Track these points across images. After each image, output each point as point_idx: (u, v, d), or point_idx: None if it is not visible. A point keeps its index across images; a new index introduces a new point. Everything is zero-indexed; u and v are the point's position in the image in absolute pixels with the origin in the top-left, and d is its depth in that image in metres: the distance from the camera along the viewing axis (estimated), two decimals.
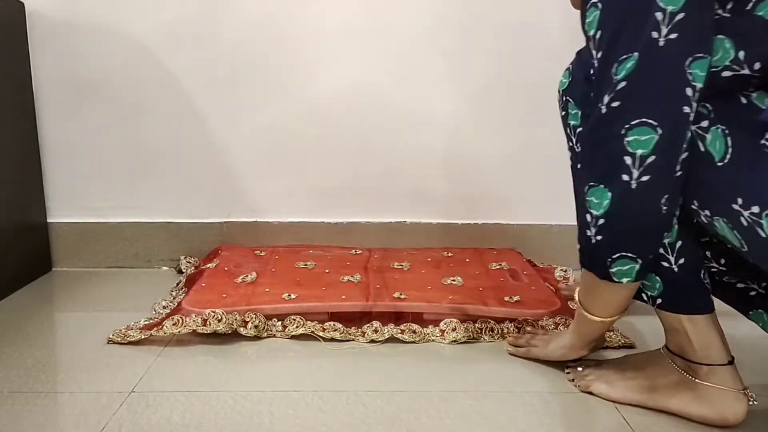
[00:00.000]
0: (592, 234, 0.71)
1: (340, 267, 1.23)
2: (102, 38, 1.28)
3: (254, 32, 1.29)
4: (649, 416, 0.79)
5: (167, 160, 1.35)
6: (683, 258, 0.73)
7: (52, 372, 0.89)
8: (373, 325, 1.01)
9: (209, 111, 1.33)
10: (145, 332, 0.98)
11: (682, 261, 0.74)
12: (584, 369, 0.87)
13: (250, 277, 1.15)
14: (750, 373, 0.79)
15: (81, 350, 0.95)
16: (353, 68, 1.32)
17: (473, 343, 1.00)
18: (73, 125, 1.32)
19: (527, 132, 1.36)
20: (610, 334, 1.01)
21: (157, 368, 0.90)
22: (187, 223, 1.38)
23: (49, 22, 1.27)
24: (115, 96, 1.31)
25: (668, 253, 0.74)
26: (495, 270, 1.25)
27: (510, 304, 1.06)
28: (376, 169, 1.37)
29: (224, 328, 0.97)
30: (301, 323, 1.01)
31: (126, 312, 1.09)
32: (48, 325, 1.06)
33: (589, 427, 0.77)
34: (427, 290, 1.11)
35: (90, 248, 1.37)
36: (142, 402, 0.80)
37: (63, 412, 0.78)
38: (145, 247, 1.38)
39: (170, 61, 1.30)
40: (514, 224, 1.41)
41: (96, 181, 1.35)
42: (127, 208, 1.36)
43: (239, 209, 1.38)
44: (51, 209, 1.35)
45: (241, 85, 1.31)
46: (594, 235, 0.71)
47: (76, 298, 1.20)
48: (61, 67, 1.29)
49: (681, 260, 0.74)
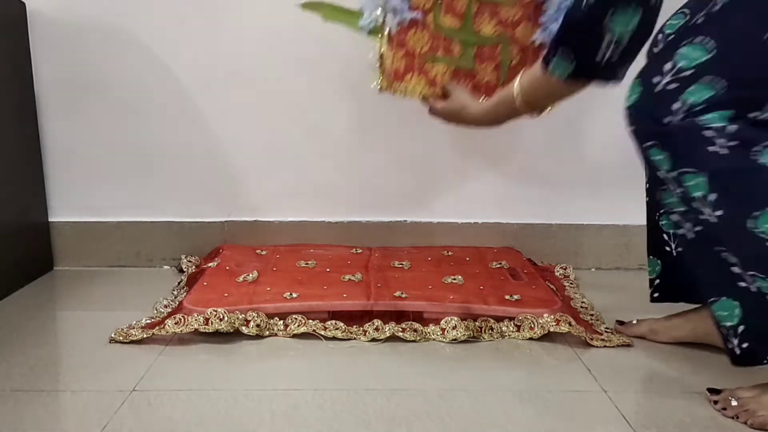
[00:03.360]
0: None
1: (341, 266, 1.24)
2: (103, 38, 1.28)
3: (254, 32, 1.29)
4: (650, 417, 0.79)
5: (168, 160, 1.35)
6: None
7: (54, 370, 0.89)
8: (374, 324, 1.01)
9: (210, 110, 1.33)
10: (147, 331, 0.98)
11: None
12: (741, 402, 0.78)
13: (252, 276, 1.16)
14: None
15: (83, 349, 0.96)
16: (353, 67, 1.32)
17: (473, 342, 1.00)
18: (74, 125, 1.32)
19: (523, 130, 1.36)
20: (609, 334, 1.02)
21: (159, 367, 0.90)
22: (189, 223, 1.38)
23: (50, 23, 1.27)
24: (116, 95, 1.31)
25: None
26: (495, 269, 1.25)
27: (510, 303, 1.06)
28: (376, 167, 1.37)
29: (226, 327, 0.98)
30: (302, 322, 1.02)
31: (127, 311, 1.09)
32: (49, 324, 1.06)
33: (589, 427, 0.77)
34: (427, 289, 1.11)
35: (91, 247, 1.37)
36: (144, 400, 0.81)
37: (65, 410, 0.79)
38: (146, 247, 1.38)
39: (171, 61, 1.30)
40: (513, 223, 1.41)
41: (97, 181, 1.35)
42: (128, 208, 1.37)
43: (240, 208, 1.39)
44: (52, 208, 1.36)
45: (241, 84, 1.32)
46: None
47: (77, 297, 1.20)
48: (62, 67, 1.29)
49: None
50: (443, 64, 1.11)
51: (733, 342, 0.76)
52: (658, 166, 0.74)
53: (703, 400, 0.82)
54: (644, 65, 0.76)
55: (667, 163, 0.72)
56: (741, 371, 0.79)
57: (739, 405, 0.77)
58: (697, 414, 0.79)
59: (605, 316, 1.10)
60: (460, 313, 1.04)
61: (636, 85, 0.74)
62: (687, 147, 0.70)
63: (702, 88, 0.69)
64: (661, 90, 0.71)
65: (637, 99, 0.73)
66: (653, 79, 0.72)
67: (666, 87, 0.71)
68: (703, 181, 0.70)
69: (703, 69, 0.69)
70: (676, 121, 0.70)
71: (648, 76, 0.73)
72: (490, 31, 1.10)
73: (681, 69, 0.70)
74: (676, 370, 0.91)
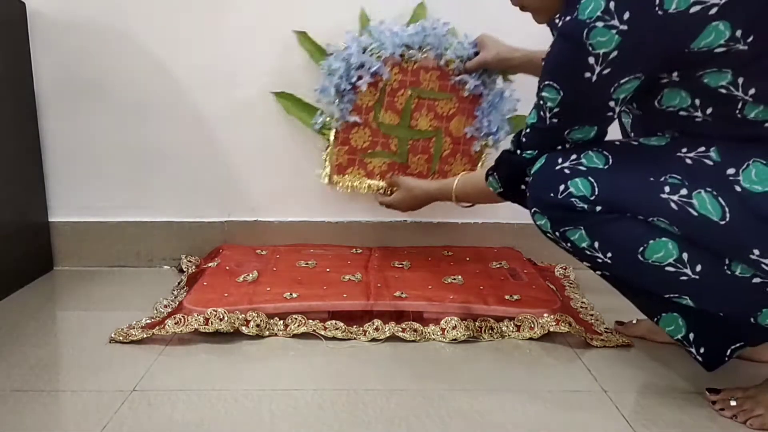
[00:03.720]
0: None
1: (341, 266, 1.24)
2: (103, 38, 1.28)
3: (254, 32, 1.29)
4: (650, 417, 0.79)
5: (168, 160, 1.35)
6: None
7: (54, 370, 0.89)
8: (374, 324, 1.01)
9: (210, 110, 1.33)
10: (147, 331, 0.98)
11: None
12: (740, 401, 0.79)
13: (252, 276, 1.16)
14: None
15: (82, 349, 0.96)
16: None
17: (473, 342, 1.00)
18: (74, 125, 1.32)
19: None
20: (609, 335, 1.02)
21: (159, 367, 0.90)
22: (189, 223, 1.38)
23: (50, 22, 1.27)
24: (116, 96, 1.31)
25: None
26: (495, 269, 1.25)
27: (510, 303, 1.06)
28: None
29: (226, 327, 0.98)
30: (302, 322, 1.02)
31: (127, 311, 1.09)
32: (50, 324, 1.06)
33: (589, 427, 0.77)
34: (427, 289, 1.11)
35: (91, 247, 1.37)
36: (144, 400, 0.81)
37: (65, 410, 0.79)
38: (146, 247, 1.38)
39: (171, 61, 1.30)
40: (513, 223, 1.41)
41: (97, 181, 1.35)
42: (128, 208, 1.37)
43: (240, 208, 1.39)
44: (52, 209, 1.36)
45: (241, 84, 1.32)
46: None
47: (77, 297, 1.20)
48: (62, 66, 1.29)
49: None
50: (380, 158, 1.26)
51: (692, 351, 0.80)
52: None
53: (702, 400, 0.82)
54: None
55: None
56: (741, 371, 0.79)
57: (738, 405, 0.78)
58: (697, 414, 0.79)
59: (605, 317, 1.10)
60: (460, 313, 1.04)
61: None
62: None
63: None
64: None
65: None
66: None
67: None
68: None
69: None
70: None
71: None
72: (426, 125, 1.24)
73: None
74: (676, 370, 0.91)
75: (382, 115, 1.23)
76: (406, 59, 1.21)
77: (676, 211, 0.72)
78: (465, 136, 1.25)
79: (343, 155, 1.25)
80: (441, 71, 1.22)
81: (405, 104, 1.22)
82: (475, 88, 1.22)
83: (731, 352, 0.77)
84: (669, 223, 0.72)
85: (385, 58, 1.20)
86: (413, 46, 1.20)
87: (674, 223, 0.72)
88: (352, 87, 1.20)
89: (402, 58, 1.20)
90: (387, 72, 1.20)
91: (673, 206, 0.72)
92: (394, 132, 1.24)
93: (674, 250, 0.73)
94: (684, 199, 0.71)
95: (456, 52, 1.21)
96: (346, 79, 1.19)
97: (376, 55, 1.19)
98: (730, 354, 0.77)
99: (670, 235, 0.73)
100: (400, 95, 1.22)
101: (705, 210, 0.70)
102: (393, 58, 1.20)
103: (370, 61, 1.19)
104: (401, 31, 1.20)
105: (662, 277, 0.75)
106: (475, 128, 1.25)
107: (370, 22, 1.24)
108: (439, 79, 1.22)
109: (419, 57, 1.20)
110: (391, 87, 1.21)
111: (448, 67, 1.22)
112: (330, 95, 1.21)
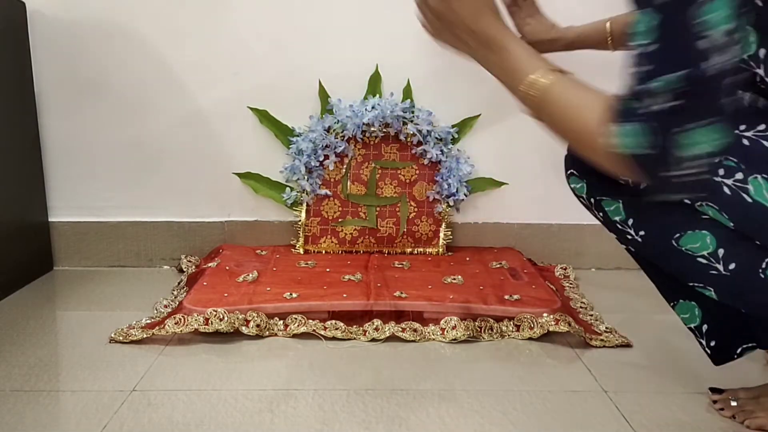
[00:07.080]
0: None
1: (340, 266, 1.24)
2: (103, 38, 1.28)
3: (254, 32, 1.29)
4: (650, 417, 0.79)
5: (168, 160, 1.35)
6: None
7: (54, 370, 0.89)
8: (374, 324, 1.01)
9: (210, 110, 1.33)
10: (147, 331, 0.98)
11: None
12: (741, 402, 0.78)
13: (252, 276, 1.16)
14: None
15: (82, 349, 0.96)
16: (351, 65, 1.32)
17: (473, 342, 1.00)
18: (75, 124, 1.32)
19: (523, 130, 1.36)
20: (608, 334, 1.02)
21: (159, 367, 0.90)
22: (188, 223, 1.38)
23: (50, 22, 1.27)
24: (116, 95, 1.31)
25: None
26: (495, 269, 1.25)
27: (510, 303, 1.06)
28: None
29: (226, 327, 0.98)
30: (302, 322, 1.02)
31: (127, 311, 1.09)
32: (49, 324, 1.06)
33: (589, 427, 0.77)
34: (427, 289, 1.11)
35: (91, 247, 1.37)
36: (144, 400, 0.81)
37: (65, 410, 0.79)
38: (146, 247, 1.38)
39: (171, 61, 1.30)
40: (513, 223, 1.41)
41: (97, 181, 1.35)
42: (128, 208, 1.37)
43: (240, 208, 1.39)
44: (52, 208, 1.35)
45: (241, 84, 1.32)
46: None
47: (77, 297, 1.20)
48: (62, 66, 1.29)
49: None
50: (351, 225, 1.34)
51: (702, 342, 0.79)
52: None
53: (703, 400, 0.82)
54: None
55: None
56: (742, 372, 0.79)
57: (738, 406, 0.78)
58: (697, 414, 0.79)
59: (605, 317, 1.10)
60: (459, 313, 1.04)
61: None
62: None
63: None
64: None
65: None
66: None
67: None
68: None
69: None
70: None
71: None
72: (391, 192, 1.34)
73: None
74: (676, 370, 0.91)
75: (349, 186, 1.34)
76: (367, 136, 1.33)
77: (729, 196, 0.64)
78: (428, 199, 1.34)
79: (315, 226, 1.34)
80: (400, 143, 1.34)
81: (370, 175, 1.34)
82: (435, 156, 1.32)
83: (741, 351, 0.77)
84: (718, 210, 0.65)
85: (348, 138, 1.32)
86: (373, 124, 1.30)
87: (724, 209, 0.65)
88: (320, 164, 1.32)
89: (364, 135, 1.32)
90: (351, 150, 1.33)
91: (726, 191, 0.64)
92: (362, 201, 1.34)
93: (711, 244, 0.68)
94: (739, 184, 0.64)
95: (416, 127, 1.31)
96: (314, 157, 1.30)
97: (339, 135, 1.31)
98: (740, 353, 0.77)
99: (711, 229, 0.67)
100: (365, 167, 1.34)
101: (760, 197, 0.63)
102: (355, 138, 1.32)
103: (335, 143, 1.31)
104: (359, 112, 1.29)
105: (692, 265, 0.70)
106: (436, 192, 1.34)
107: (329, 98, 1.31)
108: (399, 150, 1.34)
109: (379, 134, 1.32)
110: (356, 161, 1.34)
111: (407, 140, 1.33)
112: (300, 172, 1.31)
